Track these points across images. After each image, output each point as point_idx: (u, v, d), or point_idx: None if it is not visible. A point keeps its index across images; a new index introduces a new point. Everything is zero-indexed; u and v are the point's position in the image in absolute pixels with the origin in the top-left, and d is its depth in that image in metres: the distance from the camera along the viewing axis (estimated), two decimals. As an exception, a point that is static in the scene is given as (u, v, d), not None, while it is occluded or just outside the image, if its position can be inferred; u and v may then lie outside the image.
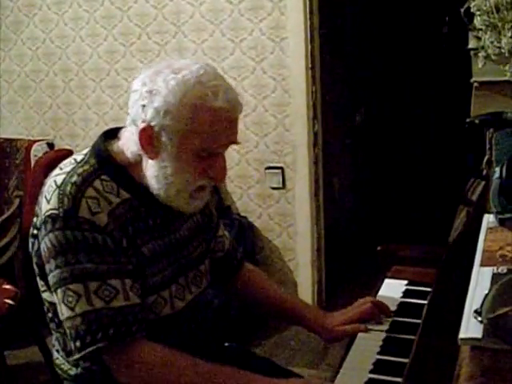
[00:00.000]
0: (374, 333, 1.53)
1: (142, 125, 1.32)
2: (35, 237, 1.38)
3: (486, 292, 1.09)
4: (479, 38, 2.20)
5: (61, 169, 1.40)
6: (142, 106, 1.32)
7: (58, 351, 1.47)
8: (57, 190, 1.33)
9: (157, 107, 1.30)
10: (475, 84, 2.26)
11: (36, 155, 3.57)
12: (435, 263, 1.65)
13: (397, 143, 4.95)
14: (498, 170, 1.52)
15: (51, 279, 1.32)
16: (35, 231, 1.38)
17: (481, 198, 1.76)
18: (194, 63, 1.35)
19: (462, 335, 1.00)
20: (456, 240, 1.68)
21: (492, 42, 2.15)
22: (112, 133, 1.45)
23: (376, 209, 4.53)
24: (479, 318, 1.02)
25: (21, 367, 2.94)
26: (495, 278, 1.16)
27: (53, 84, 3.79)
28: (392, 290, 1.71)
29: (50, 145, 3.74)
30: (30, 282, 1.49)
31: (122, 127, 1.44)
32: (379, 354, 1.44)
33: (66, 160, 1.43)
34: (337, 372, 1.40)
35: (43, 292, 1.43)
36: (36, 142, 3.66)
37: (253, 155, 3.43)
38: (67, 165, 1.40)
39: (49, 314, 1.44)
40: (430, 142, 5.00)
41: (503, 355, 0.95)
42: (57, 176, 1.37)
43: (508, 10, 2.11)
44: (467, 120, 2.14)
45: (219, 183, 1.46)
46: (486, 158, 1.97)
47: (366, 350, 1.46)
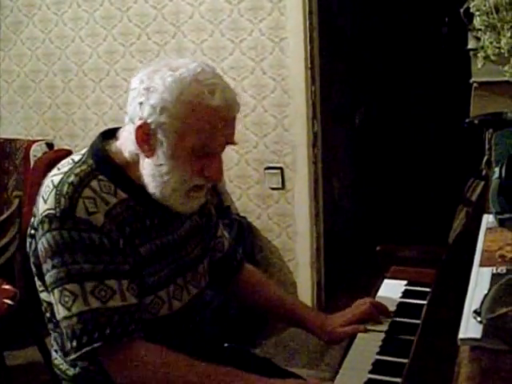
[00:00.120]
0: (373, 333, 1.52)
1: (138, 122, 1.32)
2: (32, 237, 1.38)
3: (486, 292, 1.09)
4: (478, 39, 2.20)
5: (58, 169, 1.40)
6: (140, 104, 1.32)
7: (56, 351, 1.48)
8: (54, 190, 1.33)
9: (153, 104, 1.30)
10: (475, 84, 2.27)
11: (35, 155, 3.57)
12: (434, 263, 1.65)
13: (396, 143, 4.95)
14: (497, 170, 1.52)
15: (48, 279, 1.32)
16: (32, 231, 1.38)
17: (480, 198, 1.76)
18: (192, 62, 1.35)
19: (461, 335, 1.00)
20: (455, 240, 1.68)
21: (491, 43, 2.15)
22: (110, 133, 1.45)
23: (375, 209, 4.54)
24: (479, 319, 1.02)
25: (20, 367, 2.93)
26: (494, 278, 1.16)
27: (52, 84, 3.79)
28: (391, 290, 1.71)
29: (50, 145, 3.74)
30: (29, 282, 1.49)
31: (120, 127, 1.44)
32: (378, 354, 1.43)
33: (63, 160, 1.43)
34: (336, 372, 1.40)
35: (41, 292, 1.43)
36: (35, 142, 3.65)
37: (252, 155, 3.43)
38: (65, 165, 1.40)
39: (47, 314, 1.44)
40: (430, 142, 5.00)
41: (503, 355, 0.95)
42: (54, 176, 1.37)
43: (507, 10, 2.11)
44: (467, 120, 2.14)
45: (215, 183, 1.45)
46: (485, 158, 1.97)
47: (365, 351, 1.46)
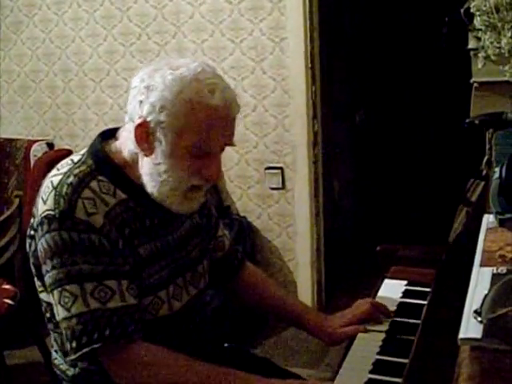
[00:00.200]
0: (373, 333, 1.52)
1: (138, 120, 1.32)
2: (32, 237, 1.38)
3: (486, 292, 1.09)
4: (479, 39, 2.20)
5: (58, 169, 1.40)
6: (140, 102, 1.32)
7: (56, 351, 1.47)
8: (53, 191, 1.33)
9: (153, 102, 1.30)
10: (475, 84, 2.26)
11: (36, 155, 3.57)
12: (435, 263, 1.65)
13: (396, 143, 4.95)
14: (497, 170, 1.52)
15: (47, 280, 1.32)
16: (32, 232, 1.37)
17: (480, 198, 1.76)
18: (193, 61, 1.35)
19: (461, 335, 1.00)
20: (456, 240, 1.68)
21: (492, 43, 2.15)
22: (110, 133, 1.45)
23: (375, 209, 4.53)
24: (479, 319, 1.02)
25: (20, 367, 2.93)
26: (495, 278, 1.16)
27: (52, 84, 3.79)
28: (391, 290, 1.71)
29: (50, 145, 3.74)
30: (29, 281, 1.49)
31: (119, 127, 1.44)
32: (379, 354, 1.43)
33: (63, 161, 1.43)
34: (336, 372, 1.40)
35: (40, 292, 1.43)
36: (36, 141, 3.65)
37: (252, 155, 3.43)
38: (64, 165, 1.40)
39: (47, 315, 1.44)
40: (430, 142, 5.00)
41: (503, 355, 0.95)
42: (53, 177, 1.37)
43: (508, 10, 2.11)
44: (467, 120, 2.14)
45: (215, 183, 1.45)
46: (485, 158, 1.97)
47: (365, 351, 1.46)
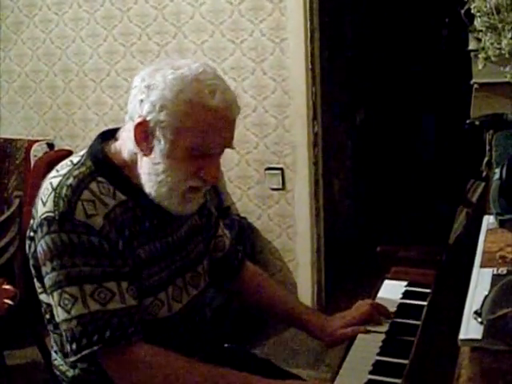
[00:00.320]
0: (373, 334, 1.52)
1: (138, 119, 1.32)
2: (32, 239, 1.37)
3: (486, 293, 1.09)
4: (479, 40, 2.20)
5: (57, 171, 1.39)
6: (140, 101, 1.32)
7: (56, 352, 1.47)
8: (52, 193, 1.32)
9: (153, 101, 1.30)
10: (475, 85, 2.27)
11: (36, 155, 3.57)
12: (435, 264, 1.65)
13: (396, 144, 4.95)
14: (498, 171, 1.52)
15: (47, 282, 1.32)
16: (32, 233, 1.37)
17: (481, 199, 1.76)
18: (194, 62, 1.35)
19: (461, 336, 1.00)
20: (456, 241, 1.68)
21: (492, 44, 2.15)
22: (110, 134, 1.44)
23: (376, 210, 4.54)
24: (479, 319, 1.02)
25: (20, 367, 2.93)
26: (495, 279, 1.16)
27: (53, 84, 3.79)
28: (391, 291, 1.71)
29: (50, 145, 3.74)
30: (29, 282, 1.48)
31: (119, 128, 1.44)
32: (379, 354, 1.43)
33: (62, 162, 1.43)
34: (336, 373, 1.40)
35: (40, 294, 1.43)
36: (36, 142, 3.65)
37: (253, 156, 3.42)
38: (63, 167, 1.39)
39: (46, 316, 1.43)
40: (430, 143, 5.01)
41: (503, 356, 0.95)
42: (53, 178, 1.37)
43: (508, 11, 2.11)
44: (467, 121, 2.14)
45: (215, 184, 1.45)
46: (485, 159, 1.98)
47: (365, 351, 1.46)
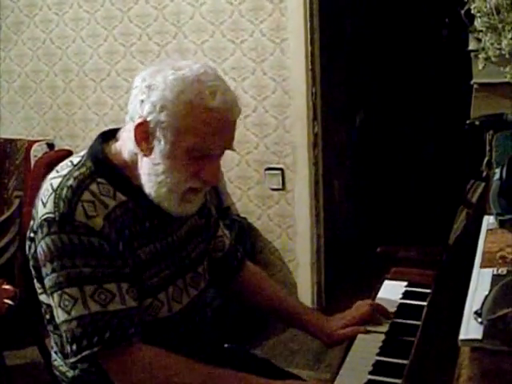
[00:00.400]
0: (373, 334, 1.52)
1: (138, 120, 1.32)
2: (32, 240, 1.37)
3: (486, 293, 1.09)
4: (479, 40, 2.20)
5: (57, 172, 1.39)
6: (141, 101, 1.32)
7: (56, 353, 1.47)
8: (53, 194, 1.32)
9: (154, 102, 1.30)
10: (475, 86, 2.27)
11: (36, 155, 3.57)
12: (435, 265, 1.65)
13: (396, 144, 4.95)
14: (498, 171, 1.52)
15: (47, 283, 1.32)
16: (32, 234, 1.37)
17: (481, 199, 1.76)
18: (195, 63, 1.35)
19: (462, 336, 1.00)
20: (456, 241, 1.68)
21: (492, 44, 2.15)
22: (110, 134, 1.44)
23: (376, 210, 4.53)
24: (479, 320, 1.02)
25: (20, 368, 2.93)
26: (495, 279, 1.16)
27: (53, 84, 3.79)
28: (391, 291, 1.71)
29: (50, 145, 3.74)
30: (29, 282, 1.48)
31: (120, 128, 1.43)
32: (378, 355, 1.43)
33: (62, 162, 1.42)
34: (336, 373, 1.40)
35: (40, 294, 1.42)
36: (36, 142, 3.65)
37: (253, 156, 3.42)
38: (64, 167, 1.39)
39: (46, 316, 1.43)
40: (430, 143, 5.00)
41: (503, 356, 0.95)
42: (53, 179, 1.36)
43: (508, 11, 2.11)
44: (467, 122, 2.14)
45: (210, 187, 1.45)
46: (485, 159, 1.98)
47: (365, 352, 1.46)
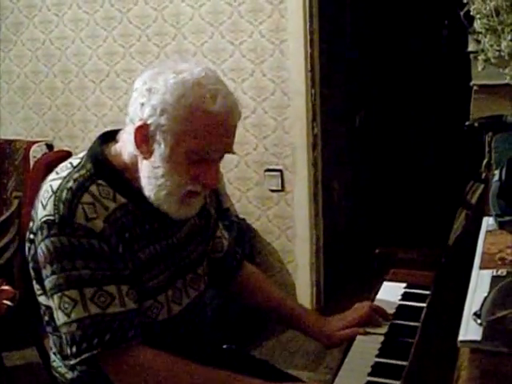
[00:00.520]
0: (372, 336, 1.52)
1: (138, 123, 1.32)
2: (32, 241, 1.37)
3: (486, 295, 1.09)
4: (479, 41, 2.20)
5: (57, 173, 1.39)
6: (141, 104, 1.32)
7: (55, 354, 1.47)
8: (53, 196, 1.32)
9: (154, 105, 1.30)
10: (475, 87, 2.27)
11: (35, 156, 3.57)
12: (434, 266, 1.65)
13: (396, 145, 4.95)
14: (497, 172, 1.52)
15: (47, 285, 1.32)
16: (31, 236, 1.37)
17: (480, 200, 1.76)
18: (196, 66, 1.35)
19: (461, 338, 1.00)
20: (455, 243, 1.68)
21: (492, 45, 2.15)
22: (110, 135, 1.44)
23: (375, 211, 4.53)
24: (479, 321, 1.02)
25: (19, 368, 2.93)
26: (495, 280, 1.16)
27: (52, 85, 3.79)
28: (390, 292, 1.71)
29: (49, 146, 3.74)
30: (28, 283, 1.48)
31: (120, 129, 1.43)
32: (378, 356, 1.43)
33: (62, 164, 1.42)
34: (335, 375, 1.40)
35: (39, 296, 1.42)
36: (35, 143, 3.65)
37: (252, 157, 3.43)
38: (63, 169, 1.39)
39: (45, 317, 1.43)
40: (430, 144, 5.01)
41: (503, 358, 0.95)
42: (53, 181, 1.36)
43: (508, 13, 2.11)
44: (467, 123, 2.14)
45: (209, 190, 1.45)
46: (485, 160, 1.98)
47: (364, 353, 1.46)
